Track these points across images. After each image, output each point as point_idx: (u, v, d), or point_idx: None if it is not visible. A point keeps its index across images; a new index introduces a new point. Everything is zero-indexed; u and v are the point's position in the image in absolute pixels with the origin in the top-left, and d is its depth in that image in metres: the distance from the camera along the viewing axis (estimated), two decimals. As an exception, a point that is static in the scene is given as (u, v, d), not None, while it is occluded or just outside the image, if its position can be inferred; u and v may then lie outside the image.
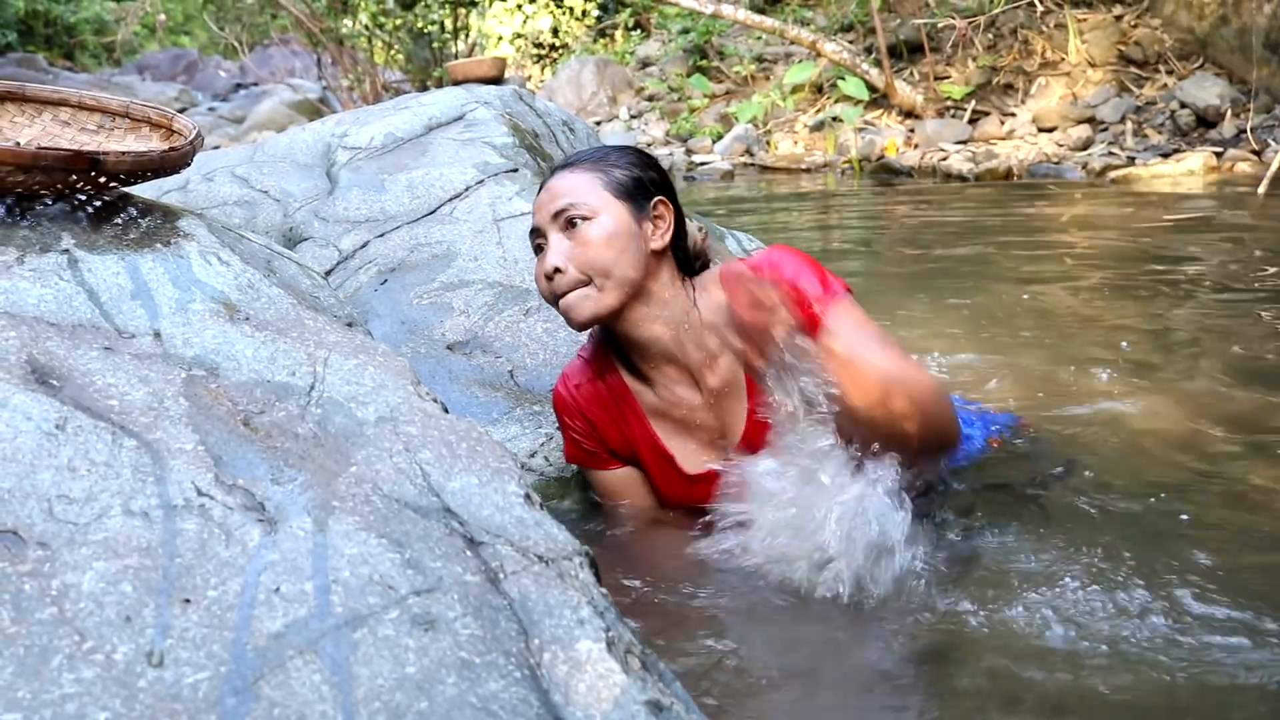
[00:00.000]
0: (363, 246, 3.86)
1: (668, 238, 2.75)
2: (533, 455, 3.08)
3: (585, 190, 2.70)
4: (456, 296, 3.61)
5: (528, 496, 1.71)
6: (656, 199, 2.75)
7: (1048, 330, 4.85)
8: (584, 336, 3.02)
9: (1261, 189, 8.45)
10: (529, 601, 1.50)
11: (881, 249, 7.74)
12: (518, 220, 3.85)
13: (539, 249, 2.72)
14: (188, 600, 1.44)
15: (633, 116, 15.63)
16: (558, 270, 2.65)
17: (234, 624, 1.41)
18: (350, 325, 2.26)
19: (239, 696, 1.32)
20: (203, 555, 1.51)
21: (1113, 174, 10.16)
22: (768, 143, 13.43)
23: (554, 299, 2.68)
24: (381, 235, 3.87)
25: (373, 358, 2.03)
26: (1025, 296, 5.59)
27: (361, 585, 1.47)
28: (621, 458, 2.88)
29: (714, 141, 13.86)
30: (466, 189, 4.01)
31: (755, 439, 2.65)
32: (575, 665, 1.41)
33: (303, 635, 1.40)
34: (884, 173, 11.67)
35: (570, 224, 2.66)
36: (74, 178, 2.23)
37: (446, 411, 1.95)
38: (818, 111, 13.82)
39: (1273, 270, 6.07)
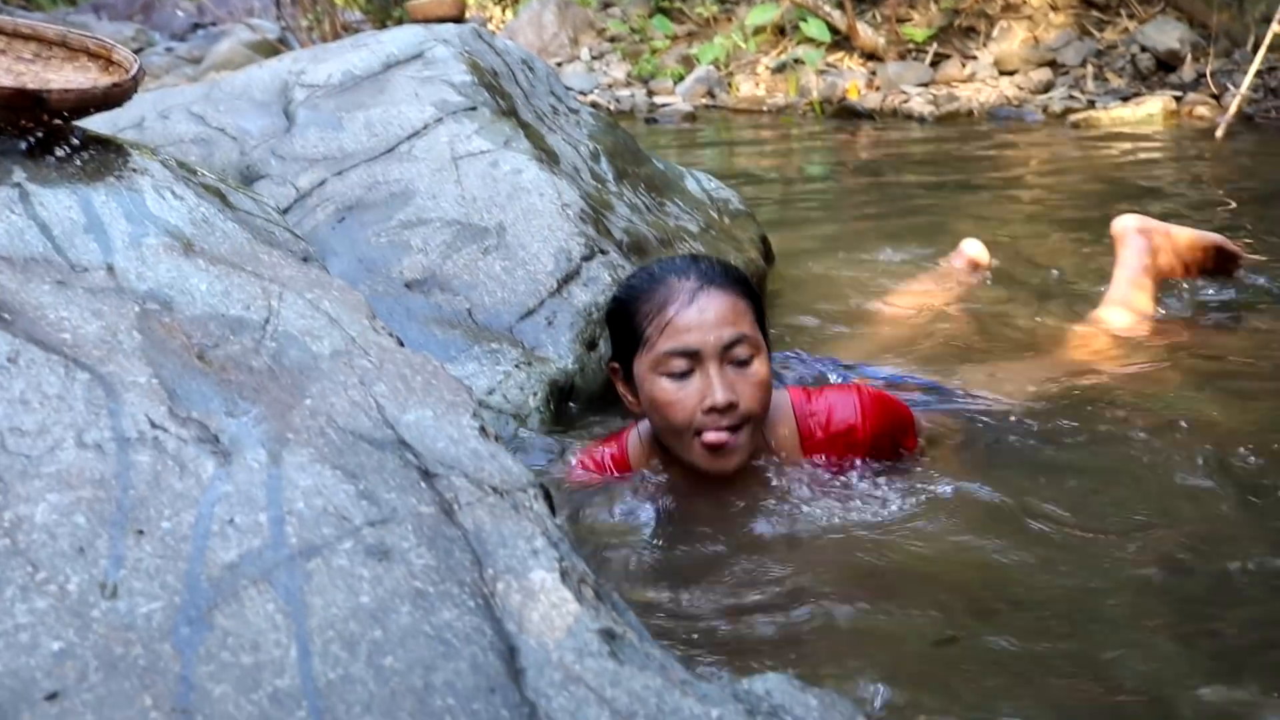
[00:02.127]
0: (320, 185, 3.83)
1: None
2: (490, 393, 3.07)
3: (746, 321, 2.62)
4: (414, 235, 3.59)
5: (482, 429, 1.71)
6: (769, 330, 2.72)
7: (1007, 271, 4.87)
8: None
9: (1219, 132, 8.49)
10: (483, 532, 1.50)
11: (842, 192, 7.75)
12: (476, 158, 3.83)
13: (684, 374, 2.57)
14: (141, 532, 1.44)
15: (594, 58, 15.51)
16: (731, 406, 2.55)
17: (188, 555, 1.41)
18: (306, 260, 2.25)
19: (193, 626, 1.32)
20: (156, 487, 1.51)
21: (1073, 117, 10.16)
22: (729, 85, 13.37)
23: (703, 430, 2.57)
24: (339, 173, 3.85)
25: (328, 292, 2.03)
26: (985, 238, 5.60)
27: (316, 516, 1.48)
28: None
29: (675, 83, 13.78)
30: (425, 127, 3.98)
31: None
32: (529, 595, 1.42)
33: (257, 565, 1.41)
34: (845, 115, 11.63)
35: (739, 360, 2.58)
36: (16, 115, 2.21)
37: (402, 346, 1.94)
38: (780, 53, 13.76)
39: (1228, 209, 6.12)
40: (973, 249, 4.75)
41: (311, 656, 1.30)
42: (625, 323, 2.68)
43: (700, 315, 2.56)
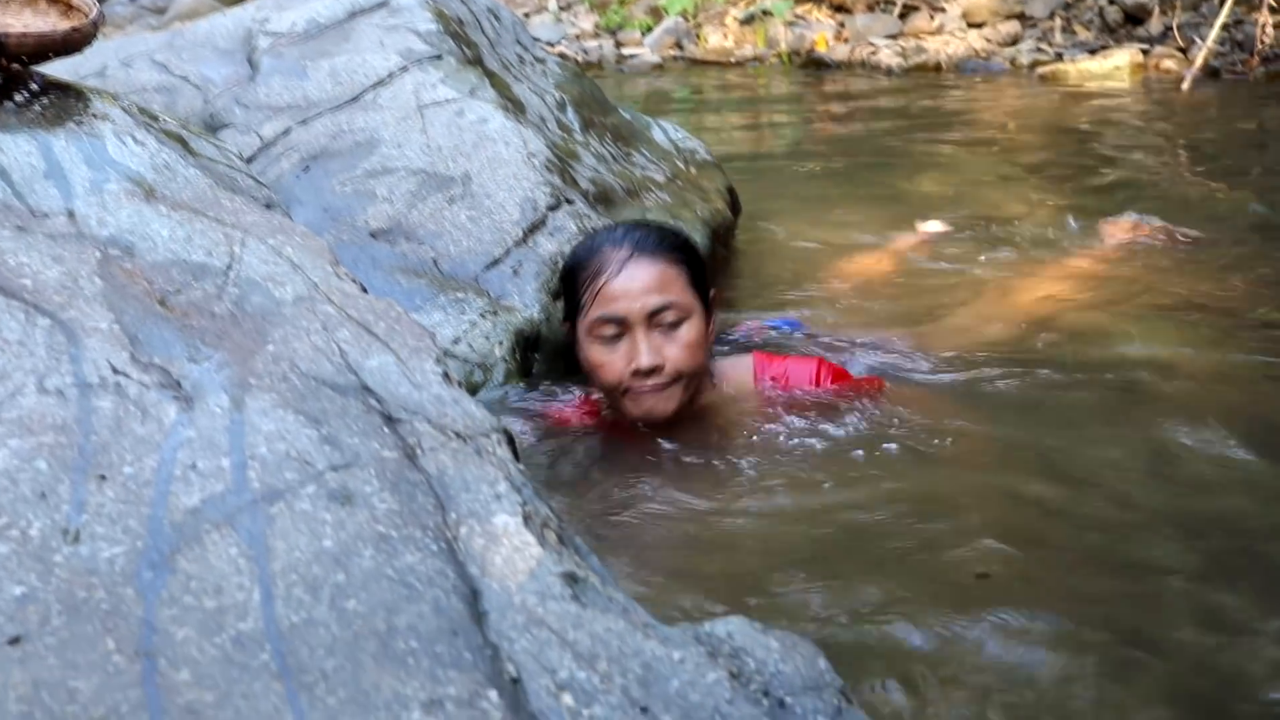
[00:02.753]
0: (284, 133, 3.80)
1: (714, 328, 2.89)
2: (456, 342, 3.07)
3: (676, 287, 2.76)
4: (380, 184, 3.57)
5: (446, 375, 1.71)
6: (712, 292, 2.88)
7: (972, 225, 4.89)
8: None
9: (1185, 85, 8.52)
10: (446, 477, 1.51)
11: (810, 143, 7.75)
12: (441, 107, 3.81)
13: (614, 337, 2.73)
14: (103, 476, 1.44)
15: (562, 9, 15.41)
16: (656, 369, 2.70)
17: (150, 500, 1.41)
18: (269, 207, 2.24)
19: (155, 570, 1.32)
20: (118, 432, 1.50)
21: (1040, 70, 10.17)
22: (698, 36, 13.31)
23: (630, 389, 2.73)
24: (303, 122, 3.82)
25: (291, 238, 2.02)
26: (950, 190, 5.62)
27: (278, 461, 1.48)
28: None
29: (643, 34, 13.71)
30: (390, 75, 3.95)
31: None
32: (492, 538, 1.42)
33: (219, 510, 1.41)
34: (813, 67, 11.61)
35: (666, 324, 2.72)
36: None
37: (365, 292, 1.94)
38: (748, 5, 13.70)
39: (1192, 162, 6.15)
40: (931, 227, 4.78)
41: (274, 600, 1.30)
42: (569, 288, 2.85)
43: (628, 284, 2.72)
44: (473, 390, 2.91)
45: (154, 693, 1.18)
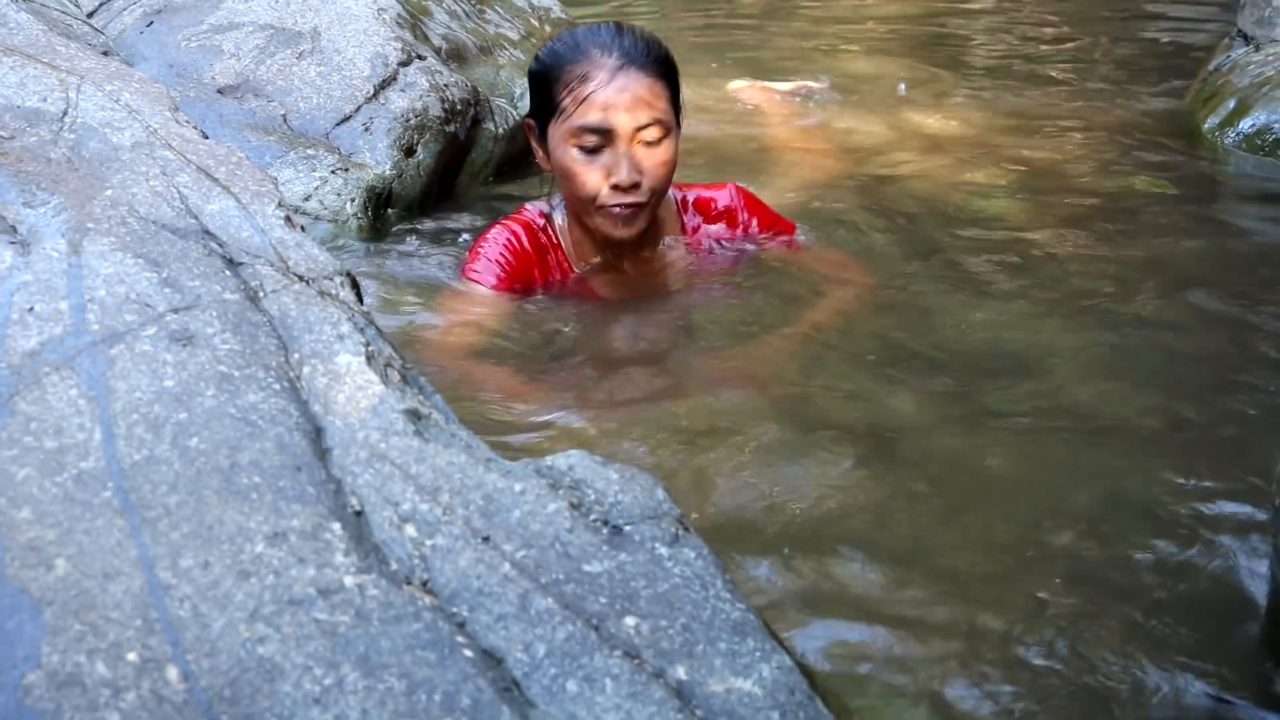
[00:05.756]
0: (126, -14, 3.71)
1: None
2: (307, 199, 3.05)
3: (662, 103, 2.71)
4: (226, 39, 3.50)
5: (288, 219, 1.70)
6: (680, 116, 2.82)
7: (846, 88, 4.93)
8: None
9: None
10: (289, 318, 1.51)
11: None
12: (289, -40, 3.73)
13: (595, 149, 2.66)
14: (-63, 320, 1.42)
15: None
16: (635, 185, 2.66)
17: (-13, 343, 1.40)
18: (106, 54, 2.19)
19: (-7, 412, 1.32)
20: (-48, 277, 1.48)
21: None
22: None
23: (604, 205, 2.68)
24: (146, -25, 3.72)
25: (128, 84, 1.98)
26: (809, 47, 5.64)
27: (118, 303, 1.47)
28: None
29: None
30: (235, -74, 3.85)
31: None
32: (335, 377, 1.43)
33: (58, 352, 1.40)
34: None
35: (648, 141, 2.67)
36: None
37: (206, 138, 1.92)
38: None
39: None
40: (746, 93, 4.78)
41: (116, 439, 1.31)
42: (545, 87, 2.75)
43: (618, 95, 2.65)
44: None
45: (-7, 529, 1.19)
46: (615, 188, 2.65)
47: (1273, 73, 4.05)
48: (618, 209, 2.67)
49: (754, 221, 3.00)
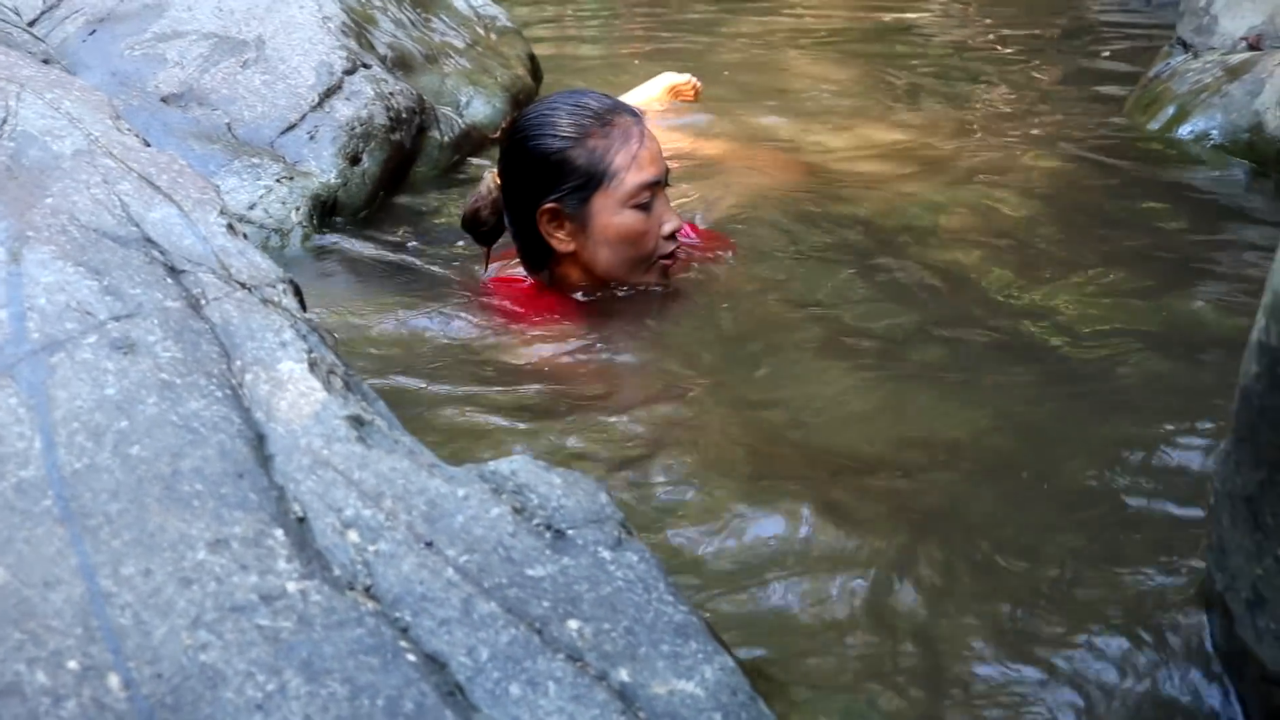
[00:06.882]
0: (68, -6, 3.68)
1: None
2: (251, 208, 3.04)
3: None
4: (170, 48, 3.49)
5: (230, 226, 1.70)
6: None
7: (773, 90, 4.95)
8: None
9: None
10: (231, 326, 1.51)
11: (612, 9, 7.67)
12: (233, -32, 3.72)
13: (647, 205, 2.65)
14: (-126, 329, 1.41)
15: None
16: (678, 229, 2.74)
17: (-76, 352, 1.39)
18: (46, 62, 2.18)
19: (-69, 420, 1.31)
20: (-111, 286, 1.47)
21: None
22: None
23: (662, 255, 2.71)
24: (88, -17, 3.70)
25: (69, 92, 1.97)
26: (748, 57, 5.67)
27: (58, 312, 1.46)
28: None
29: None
30: (178, -66, 3.84)
31: None
32: (277, 384, 1.43)
33: (-2, 361, 1.39)
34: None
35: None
36: None
37: (148, 146, 1.91)
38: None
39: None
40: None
41: (56, 447, 1.30)
42: (582, 162, 2.63)
43: (656, 147, 2.68)
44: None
45: (-68, 537, 1.18)
46: (671, 234, 2.69)
47: (1211, 80, 4.11)
48: (669, 258, 2.72)
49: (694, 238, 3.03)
